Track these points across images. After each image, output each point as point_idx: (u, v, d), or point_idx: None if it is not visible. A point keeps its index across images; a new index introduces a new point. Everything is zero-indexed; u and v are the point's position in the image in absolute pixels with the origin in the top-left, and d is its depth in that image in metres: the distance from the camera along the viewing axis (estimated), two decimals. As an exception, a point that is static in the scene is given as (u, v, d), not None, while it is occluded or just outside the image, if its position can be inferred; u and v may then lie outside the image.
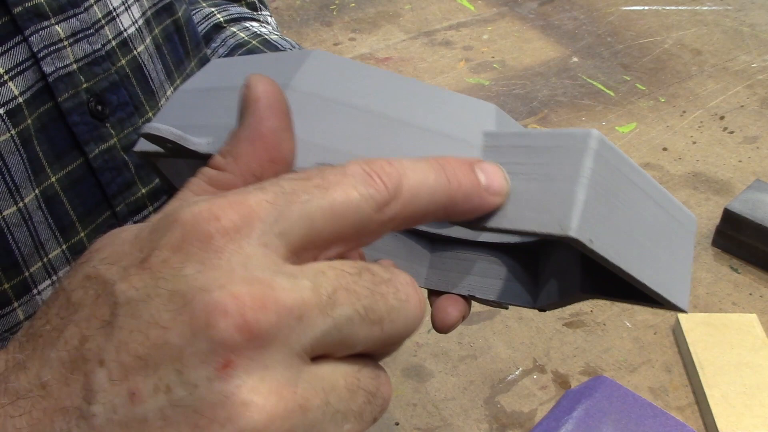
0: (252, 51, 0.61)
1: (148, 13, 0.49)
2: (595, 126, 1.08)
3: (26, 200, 0.40)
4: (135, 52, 0.47)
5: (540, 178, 0.26)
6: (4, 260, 0.39)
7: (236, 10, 0.68)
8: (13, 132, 0.39)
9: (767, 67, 1.19)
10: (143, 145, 0.33)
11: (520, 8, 1.36)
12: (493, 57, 1.23)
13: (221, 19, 0.66)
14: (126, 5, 0.46)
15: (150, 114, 0.47)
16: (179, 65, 0.51)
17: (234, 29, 0.65)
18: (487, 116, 0.30)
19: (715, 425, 0.67)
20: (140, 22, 0.47)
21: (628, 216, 0.28)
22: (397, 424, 0.71)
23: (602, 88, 1.16)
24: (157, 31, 0.49)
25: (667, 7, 1.34)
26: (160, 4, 0.50)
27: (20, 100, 0.39)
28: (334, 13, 1.34)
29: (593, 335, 0.79)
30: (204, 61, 0.57)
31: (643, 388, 0.73)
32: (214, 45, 0.63)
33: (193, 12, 0.67)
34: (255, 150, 0.25)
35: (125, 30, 0.46)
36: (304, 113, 0.29)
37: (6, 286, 0.40)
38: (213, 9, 0.67)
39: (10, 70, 0.39)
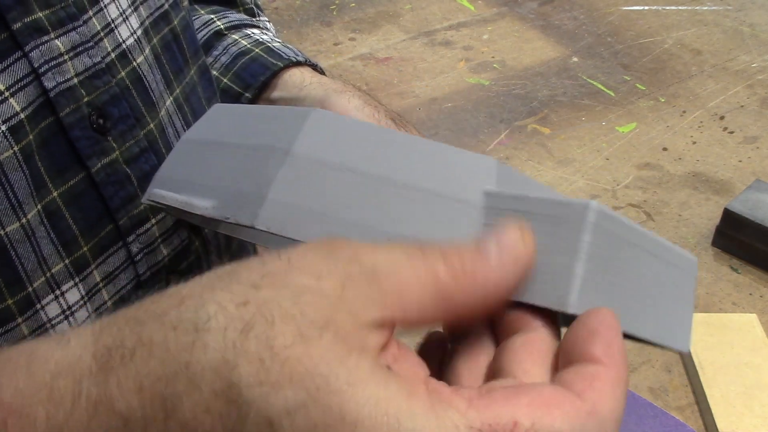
0: (255, 59, 0.61)
1: (146, 22, 0.48)
2: (594, 126, 1.08)
3: (29, 216, 0.40)
4: (134, 63, 0.46)
5: (539, 249, 0.27)
6: (8, 276, 0.39)
7: (236, 17, 0.68)
8: (15, 148, 0.39)
9: (767, 67, 1.19)
10: (151, 197, 0.33)
11: (520, 8, 1.36)
12: (493, 57, 1.23)
13: (222, 26, 0.66)
14: (124, 16, 0.46)
15: (151, 125, 0.47)
16: (179, 74, 0.51)
17: (236, 36, 0.65)
18: (488, 172, 0.30)
19: (715, 425, 0.67)
20: (139, 32, 0.47)
21: (626, 278, 0.28)
22: (397, 424, 0.71)
23: (602, 88, 1.16)
24: (155, 40, 0.49)
25: (667, 7, 1.34)
26: (157, 13, 0.50)
27: (22, 116, 0.39)
28: (334, 13, 1.34)
29: (593, 335, 0.79)
30: (203, 68, 0.56)
31: (643, 388, 0.73)
32: (215, 52, 0.63)
33: (192, 19, 0.66)
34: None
35: (124, 41, 0.45)
36: (307, 180, 0.29)
37: (9, 302, 0.39)
38: (212, 16, 0.67)
39: (11, 86, 0.38)
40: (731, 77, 1.17)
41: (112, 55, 0.45)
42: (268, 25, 0.71)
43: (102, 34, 0.44)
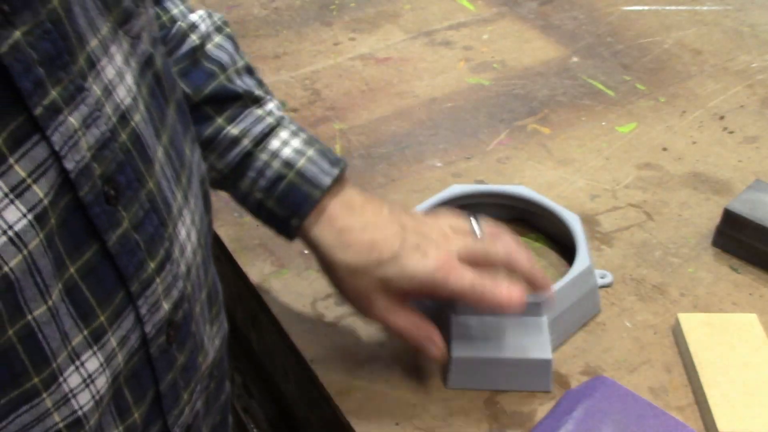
0: (294, 185, 0.65)
1: (137, 76, 0.47)
2: (595, 126, 1.08)
3: (53, 297, 0.39)
4: (133, 123, 0.45)
5: None
6: (35, 358, 0.39)
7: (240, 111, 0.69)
8: (41, 235, 0.37)
9: (767, 67, 1.19)
10: None
11: (520, 8, 1.36)
12: (493, 57, 1.23)
13: (241, 139, 0.68)
14: (120, 76, 0.44)
15: (150, 184, 0.46)
16: (163, 120, 0.50)
17: (264, 157, 0.67)
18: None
19: (715, 425, 0.67)
20: (134, 89, 0.45)
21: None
22: (397, 424, 0.71)
23: (602, 88, 1.16)
24: (144, 90, 0.47)
25: (667, 7, 1.34)
26: (142, 60, 0.48)
27: (45, 202, 0.38)
28: (334, 13, 1.34)
29: (593, 335, 0.79)
30: (178, 102, 0.54)
31: (643, 388, 0.73)
32: (251, 174, 0.67)
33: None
34: None
35: (122, 102, 0.44)
36: None
37: (36, 380, 0.39)
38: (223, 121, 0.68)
39: (32, 172, 0.37)
40: (731, 77, 1.17)
41: (113, 119, 0.43)
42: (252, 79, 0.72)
43: (103, 99, 0.42)
